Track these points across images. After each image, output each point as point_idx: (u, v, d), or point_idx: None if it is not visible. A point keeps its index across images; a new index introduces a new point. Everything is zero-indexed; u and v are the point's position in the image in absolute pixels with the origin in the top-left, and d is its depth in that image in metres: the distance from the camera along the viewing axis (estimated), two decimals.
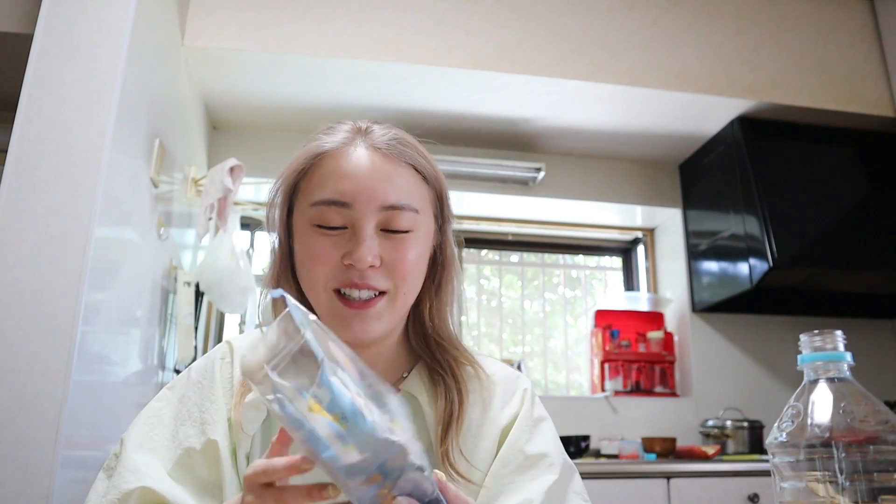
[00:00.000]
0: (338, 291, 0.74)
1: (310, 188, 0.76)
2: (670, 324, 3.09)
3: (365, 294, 0.73)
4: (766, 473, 1.00)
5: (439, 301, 0.82)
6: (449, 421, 0.76)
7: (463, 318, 3.07)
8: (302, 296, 0.78)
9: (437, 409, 0.77)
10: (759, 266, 2.49)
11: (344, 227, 0.74)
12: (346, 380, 0.50)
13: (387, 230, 0.74)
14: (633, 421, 2.77)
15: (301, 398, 0.48)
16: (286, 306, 0.51)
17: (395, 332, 0.81)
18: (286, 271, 0.79)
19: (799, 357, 0.65)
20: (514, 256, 3.33)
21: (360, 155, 0.75)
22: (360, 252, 0.71)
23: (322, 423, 0.47)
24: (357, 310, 0.73)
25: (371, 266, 0.72)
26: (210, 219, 2.17)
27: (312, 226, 0.74)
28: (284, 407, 0.47)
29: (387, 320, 0.75)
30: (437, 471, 0.51)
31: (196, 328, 2.19)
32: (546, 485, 0.74)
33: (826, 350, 0.64)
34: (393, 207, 0.74)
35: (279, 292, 0.55)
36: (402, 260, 0.74)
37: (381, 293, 0.74)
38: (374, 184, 0.74)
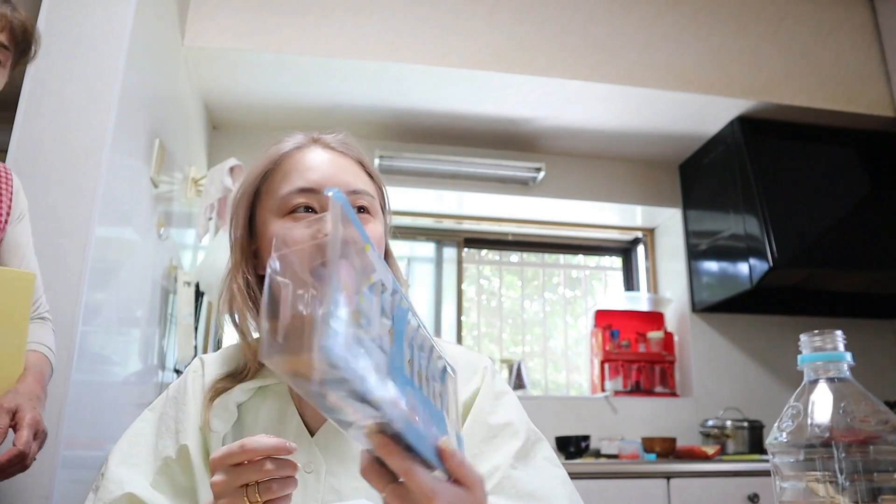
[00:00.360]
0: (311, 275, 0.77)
1: (274, 186, 0.82)
2: (670, 324, 3.09)
3: None
4: (766, 473, 1.01)
5: None
6: None
7: (463, 318, 3.06)
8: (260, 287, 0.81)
9: None
10: (759, 266, 2.49)
11: (314, 212, 0.80)
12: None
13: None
14: (633, 421, 2.77)
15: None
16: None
17: None
18: (247, 265, 0.83)
19: (799, 357, 0.65)
20: (514, 256, 3.34)
21: (317, 152, 0.84)
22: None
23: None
24: None
25: None
26: (210, 219, 2.17)
27: (283, 216, 0.79)
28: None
29: None
30: (445, 437, 0.50)
31: (196, 328, 2.19)
32: (512, 450, 0.76)
33: (826, 350, 0.64)
34: (356, 192, 0.81)
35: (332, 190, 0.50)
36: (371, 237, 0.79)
37: None
38: (337, 171, 0.82)
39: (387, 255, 0.88)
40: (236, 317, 0.81)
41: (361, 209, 0.82)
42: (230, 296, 0.81)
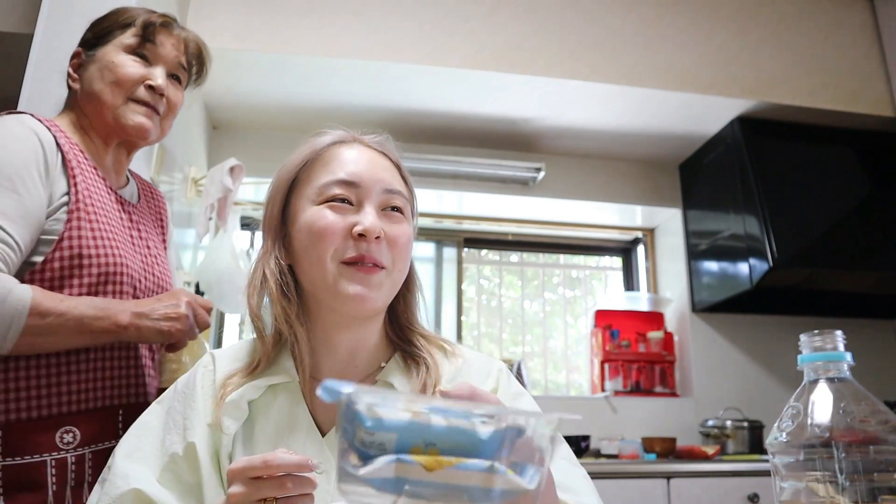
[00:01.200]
0: (344, 265, 0.79)
1: (313, 175, 0.83)
2: (670, 324, 3.09)
3: (370, 265, 0.79)
4: (766, 473, 1.00)
5: (409, 292, 0.89)
6: (422, 388, 0.80)
7: (463, 318, 3.06)
8: (292, 275, 0.82)
9: (413, 386, 0.81)
10: (759, 266, 2.49)
11: (350, 204, 0.81)
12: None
13: (385, 210, 0.82)
14: (633, 421, 2.77)
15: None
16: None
17: (381, 317, 0.86)
18: (279, 250, 0.84)
19: (799, 357, 0.65)
20: (514, 256, 3.34)
21: (359, 149, 0.86)
22: (371, 221, 0.79)
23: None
24: (365, 274, 0.78)
25: (377, 238, 0.79)
26: (210, 219, 2.17)
27: (320, 204, 0.81)
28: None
29: (385, 293, 0.81)
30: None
31: None
32: None
33: (826, 350, 0.64)
34: (391, 191, 0.83)
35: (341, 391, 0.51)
36: (399, 235, 0.82)
37: (382, 268, 0.80)
38: (376, 169, 0.84)
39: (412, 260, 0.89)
40: (257, 302, 0.82)
41: (395, 209, 0.83)
42: (262, 279, 0.82)
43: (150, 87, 1.11)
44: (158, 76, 1.12)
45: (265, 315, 0.83)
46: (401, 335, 0.88)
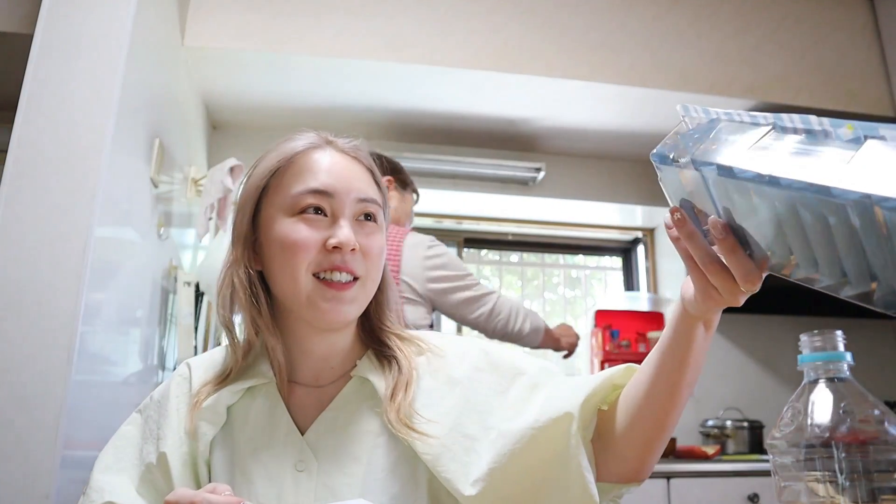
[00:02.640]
0: (316, 276, 0.78)
1: (284, 183, 0.81)
2: None
3: (344, 277, 0.78)
4: (766, 473, 1.01)
5: (381, 294, 0.87)
6: (395, 387, 0.79)
7: None
8: (262, 283, 0.82)
9: (388, 384, 0.80)
10: None
11: (324, 215, 0.79)
12: None
13: (359, 220, 0.81)
14: None
15: None
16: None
17: (354, 321, 0.86)
18: (249, 258, 0.82)
19: (799, 357, 0.65)
20: (514, 256, 3.33)
21: (331, 155, 0.83)
22: (346, 234, 0.77)
23: None
24: (337, 291, 0.77)
25: (352, 249, 0.78)
26: (210, 219, 2.17)
27: (292, 215, 0.79)
28: None
29: (358, 305, 0.81)
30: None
31: (196, 328, 2.19)
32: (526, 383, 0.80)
33: (826, 350, 0.64)
34: (365, 200, 0.81)
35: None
36: (373, 245, 0.81)
37: (356, 279, 0.79)
38: (350, 177, 0.81)
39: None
40: (228, 311, 0.81)
41: (369, 217, 0.82)
42: (231, 289, 0.81)
43: None
44: None
45: (238, 322, 0.83)
46: (372, 336, 0.87)
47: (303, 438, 0.78)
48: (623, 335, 3.01)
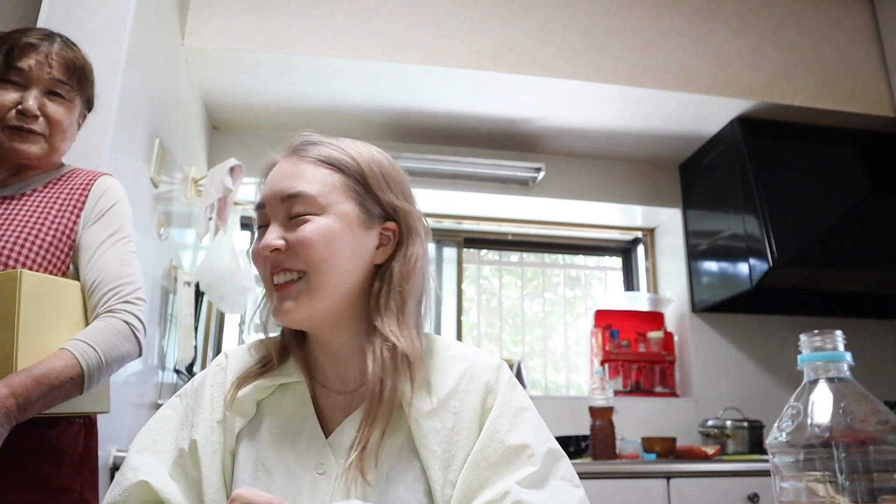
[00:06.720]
0: (273, 286, 0.81)
1: None
2: (670, 324, 3.09)
3: (282, 277, 0.80)
4: (766, 473, 1.01)
5: (389, 286, 0.82)
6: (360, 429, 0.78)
7: (463, 318, 3.06)
8: None
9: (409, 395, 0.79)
10: (759, 266, 2.49)
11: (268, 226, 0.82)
12: None
13: (291, 218, 0.81)
14: (633, 421, 2.77)
15: None
16: None
17: (352, 323, 0.82)
18: None
19: (799, 357, 0.65)
20: (514, 256, 3.34)
21: (280, 165, 0.84)
22: (266, 239, 0.80)
23: None
24: (279, 291, 0.80)
25: (276, 249, 0.79)
26: (210, 219, 2.17)
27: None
28: None
29: (305, 301, 0.78)
30: None
31: (196, 328, 2.19)
32: (526, 475, 0.74)
33: (826, 350, 0.64)
34: (289, 197, 0.80)
35: None
36: (300, 238, 0.78)
37: (301, 275, 0.79)
38: (278, 181, 0.82)
39: (398, 245, 0.84)
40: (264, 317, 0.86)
41: (297, 216, 0.79)
42: (264, 299, 0.87)
43: (22, 112, 1.15)
44: (28, 98, 1.15)
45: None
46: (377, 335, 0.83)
47: (326, 441, 0.79)
48: (623, 335, 3.01)
